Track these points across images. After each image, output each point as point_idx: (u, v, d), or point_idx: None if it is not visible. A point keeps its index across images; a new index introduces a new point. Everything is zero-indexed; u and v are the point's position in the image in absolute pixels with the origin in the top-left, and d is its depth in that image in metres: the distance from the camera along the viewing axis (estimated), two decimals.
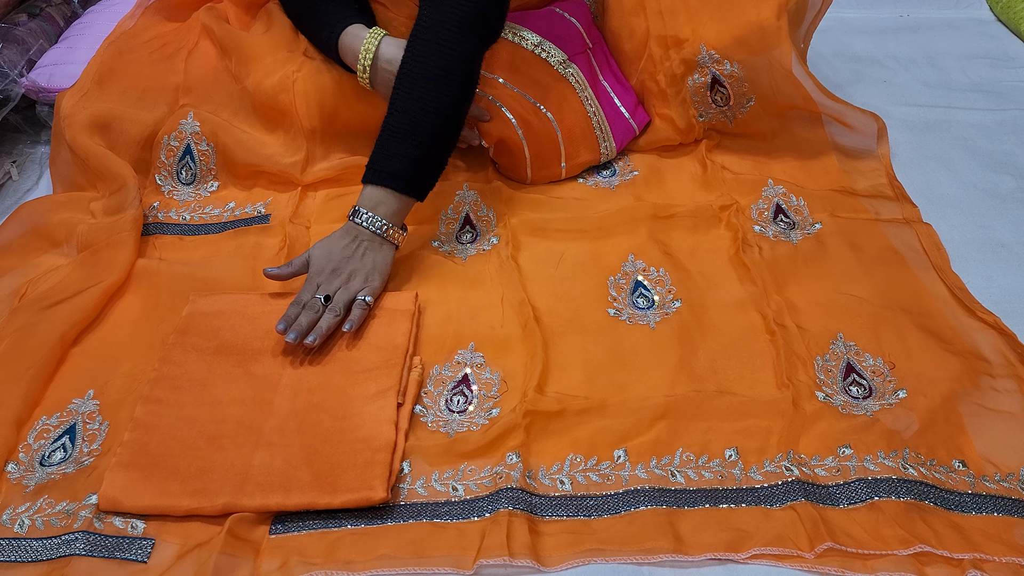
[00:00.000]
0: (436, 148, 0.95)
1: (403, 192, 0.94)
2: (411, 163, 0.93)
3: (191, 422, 0.79)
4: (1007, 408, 0.81)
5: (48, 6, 1.37)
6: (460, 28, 0.94)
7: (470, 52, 0.96)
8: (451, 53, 0.94)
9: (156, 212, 1.08)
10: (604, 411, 0.81)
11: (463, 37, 0.94)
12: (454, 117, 0.96)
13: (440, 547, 0.71)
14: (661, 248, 1.00)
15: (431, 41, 0.94)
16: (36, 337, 0.87)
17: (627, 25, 1.16)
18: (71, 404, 0.83)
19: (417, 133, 0.93)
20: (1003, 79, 1.35)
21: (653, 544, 0.70)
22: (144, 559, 0.70)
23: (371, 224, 0.92)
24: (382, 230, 0.93)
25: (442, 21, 0.94)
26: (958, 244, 1.01)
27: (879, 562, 0.68)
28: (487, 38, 0.99)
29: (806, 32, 1.17)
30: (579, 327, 0.91)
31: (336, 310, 0.87)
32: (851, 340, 0.88)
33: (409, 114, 0.93)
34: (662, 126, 1.17)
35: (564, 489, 0.75)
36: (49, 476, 0.76)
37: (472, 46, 0.96)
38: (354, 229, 0.93)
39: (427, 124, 0.93)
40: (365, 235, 0.93)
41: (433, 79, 0.93)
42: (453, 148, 0.98)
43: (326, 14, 1.05)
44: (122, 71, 1.15)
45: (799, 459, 0.76)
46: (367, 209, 0.93)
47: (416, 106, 0.93)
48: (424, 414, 0.82)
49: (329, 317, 0.87)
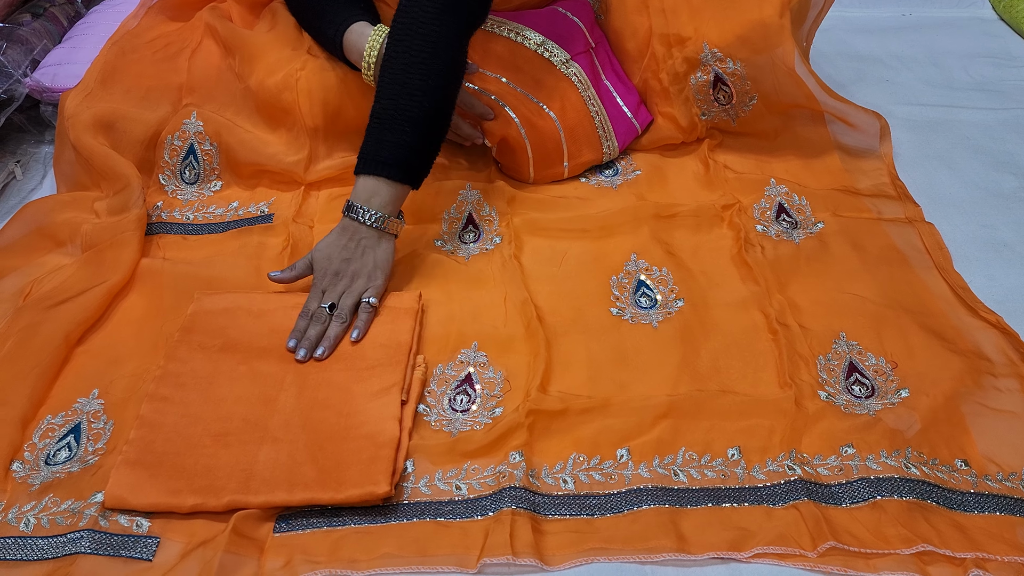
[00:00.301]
0: (424, 134, 0.93)
1: (395, 180, 0.92)
2: (400, 150, 0.92)
3: (196, 420, 0.79)
4: (1009, 408, 0.81)
5: (52, 6, 1.37)
6: (437, 10, 0.92)
7: (449, 34, 0.93)
8: (429, 35, 0.92)
9: (160, 212, 1.08)
10: (607, 410, 0.81)
11: (441, 18, 0.92)
12: (441, 102, 0.94)
13: (444, 546, 0.71)
14: (663, 247, 1.01)
15: (409, 25, 0.93)
16: (41, 336, 0.87)
17: (630, 24, 1.16)
18: (76, 403, 0.83)
19: (403, 119, 0.92)
20: (1005, 78, 1.35)
21: (656, 543, 0.70)
22: (149, 557, 0.70)
23: (367, 218, 0.91)
24: (379, 222, 0.91)
25: (419, 4, 0.93)
26: (960, 243, 1.01)
27: (882, 561, 0.69)
28: (467, 20, 0.96)
29: (809, 30, 1.17)
30: (582, 326, 0.91)
31: (343, 317, 0.88)
32: (853, 339, 0.88)
33: (394, 100, 0.92)
34: (665, 125, 1.17)
35: (567, 488, 0.76)
36: (54, 475, 0.77)
37: (451, 28, 0.93)
38: (351, 225, 0.92)
39: (412, 109, 0.92)
40: (363, 231, 0.92)
41: (414, 63, 0.92)
42: (444, 134, 0.97)
43: (330, 12, 1.05)
44: (126, 71, 1.15)
45: (801, 458, 0.77)
46: (361, 202, 0.92)
47: (400, 91, 0.92)
48: (428, 413, 0.83)
49: (336, 326, 0.87)
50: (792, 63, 1.09)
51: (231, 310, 0.90)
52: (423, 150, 0.94)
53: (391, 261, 0.93)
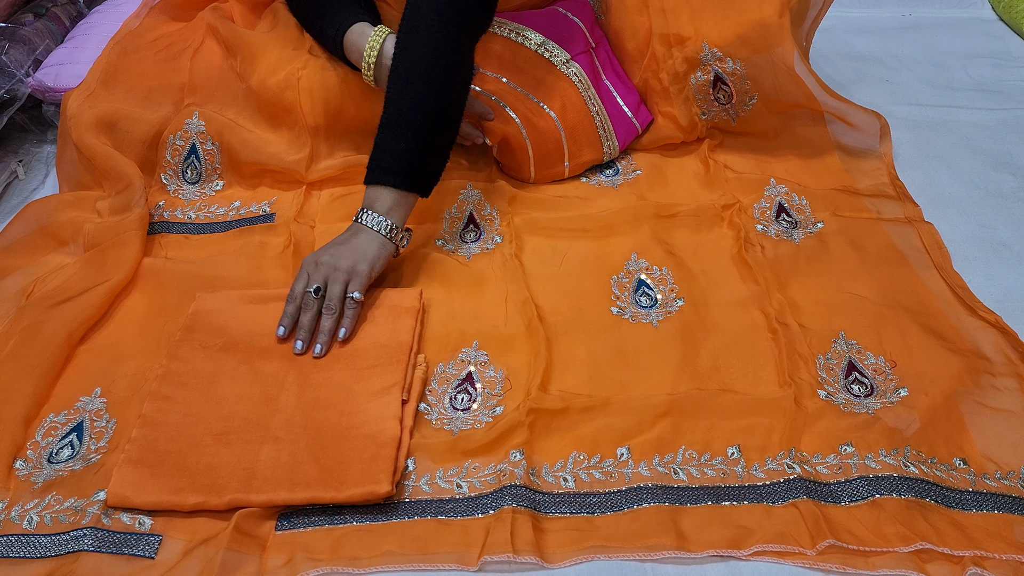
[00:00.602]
0: (427, 139, 0.93)
1: (401, 188, 0.92)
2: (404, 157, 0.92)
3: (198, 419, 0.80)
4: (1008, 406, 0.81)
5: (54, 6, 1.38)
6: (437, 16, 0.93)
7: (450, 40, 0.93)
8: (429, 41, 0.93)
9: (162, 211, 1.08)
10: (607, 409, 0.82)
11: (441, 24, 0.93)
12: (446, 108, 0.94)
13: (445, 544, 0.71)
14: (664, 247, 1.01)
15: (411, 32, 0.93)
16: (43, 335, 0.87)
17: (630, 23, 1.17)
18: (78, 402, 0.84)
19: (407, 127, 0.92)
20: (1005, 78, 1.36)
21: (656, 541, 0.70)
22: (151, 555, 0.70)
23: (371, 222, 0.92)
24: (380, 227, 0.91)
25: (419, 10, 0.93)
26: (960, 243, 1.02)
27: (880, 559, 0.69)
28: (469, 25, 0.96)
29: (808, 30, 1.17)
30: (582, 326, 0.91)
31: (332, 308, 0.87)
32: (853, 339, 0.88)
33: (398, 108, 0.93)
34: (665, 124, 1.17)
35: (567, 486, 0.76)
36: (57, 473, 0.77)
37: (451, 33, 0.93)
38: (354, 226, 0.93)
39: (414, 117, 0.92)
40: (363, 228, 0.92)
41: (416, 71, 0.92)
42: (451, 141, 0.97)
43: (331, 12, 1.05)
44: (128, 71, 1.15)
45: (801, 457, 0.77)
46: (368, 208, 0.92)
47: (403, 100, 0.92)
48: (428, 412, 0.83)
49: (328, 319, 0.87)
50: (792, 63, 1.10)
51: (233, 310, 0.90)
52: (427, 155, 0.94)
53: (381, 259, 0.91)
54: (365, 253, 0.90)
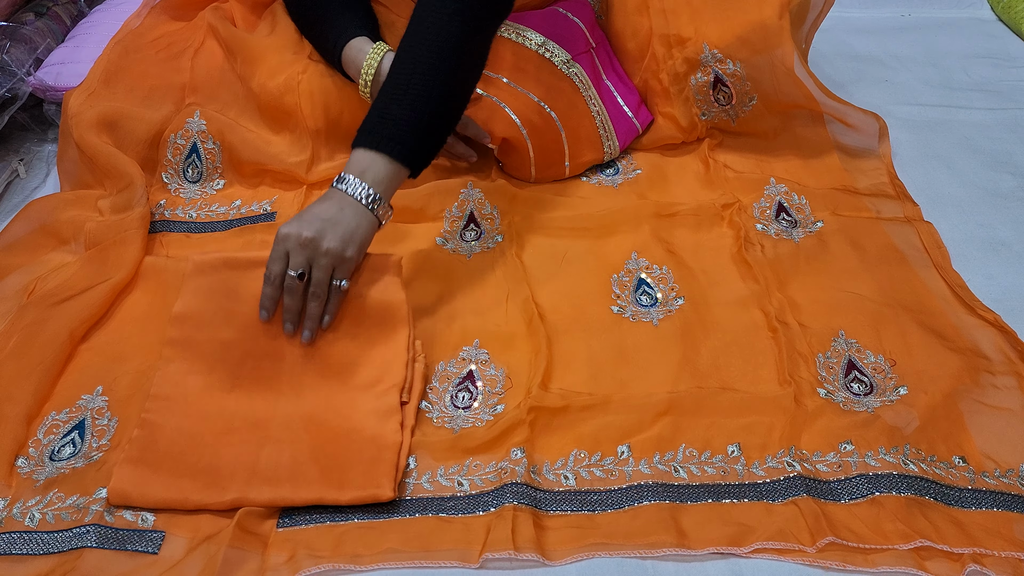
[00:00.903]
0: (431, 116, 0.86)
1: (394, 157, 0.84)
2: (403, 126, 0.85)
3: (199, 419, 0.80)
4: (1007, 405, 0.81)
5: (55, 5, 1.38)
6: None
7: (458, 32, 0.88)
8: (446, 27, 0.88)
9: (163, 210, 1.09)
10: (608, 407, 0.82)
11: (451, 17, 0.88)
12: (455, 87, 0.89)
13: (446, 541, 0.72)
14: (664, 246, 1.01)
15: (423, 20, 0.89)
16: (45, 334, 0.87)
17: (630, 24, 1.17)
18: (80, 400, 0.84)
19: (412, 96, 0.85)
20: (1004, 79, 1.36)
21: (656, 538, 0.71)
22: (155, 551, 0.71)
23: (357, 191, 0.83)
24: (368, 200, 0.83)
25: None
26: (959, 242, 1.02)
27: (880, 556, 0.69)
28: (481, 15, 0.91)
29: (808, 32, 1.18)
30: (583, 324, 0.92)
31: (319, 293, 0.82)
32: (852, 337, 0.89)
33: (404, 77, 0.86)
34: (665, 125, 1.18)
35: (568, 484, 0.76)
36: (59, 471, 0.77)
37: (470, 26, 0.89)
38: (336, 195, 0.83)
39: (422, 88, 0.85)
40: (348, 202, 0.83)
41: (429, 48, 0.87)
42: (449, 129, 0.92)
43: (330, 22, 1.05)
44: (129, 70, 1.15)
45: (801, 455, 0.77)
46: (354, 175, 0.84)
47: (412, 68, 0.86)
48: (430, 410, 0.83)
49: (315, 305, 0.83)
50: (791, 64, 1.10)
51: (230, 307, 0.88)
52: (426, 134, 0.88)
53: (368, 240, 0.85)
54: (353, 234, 0.82)
